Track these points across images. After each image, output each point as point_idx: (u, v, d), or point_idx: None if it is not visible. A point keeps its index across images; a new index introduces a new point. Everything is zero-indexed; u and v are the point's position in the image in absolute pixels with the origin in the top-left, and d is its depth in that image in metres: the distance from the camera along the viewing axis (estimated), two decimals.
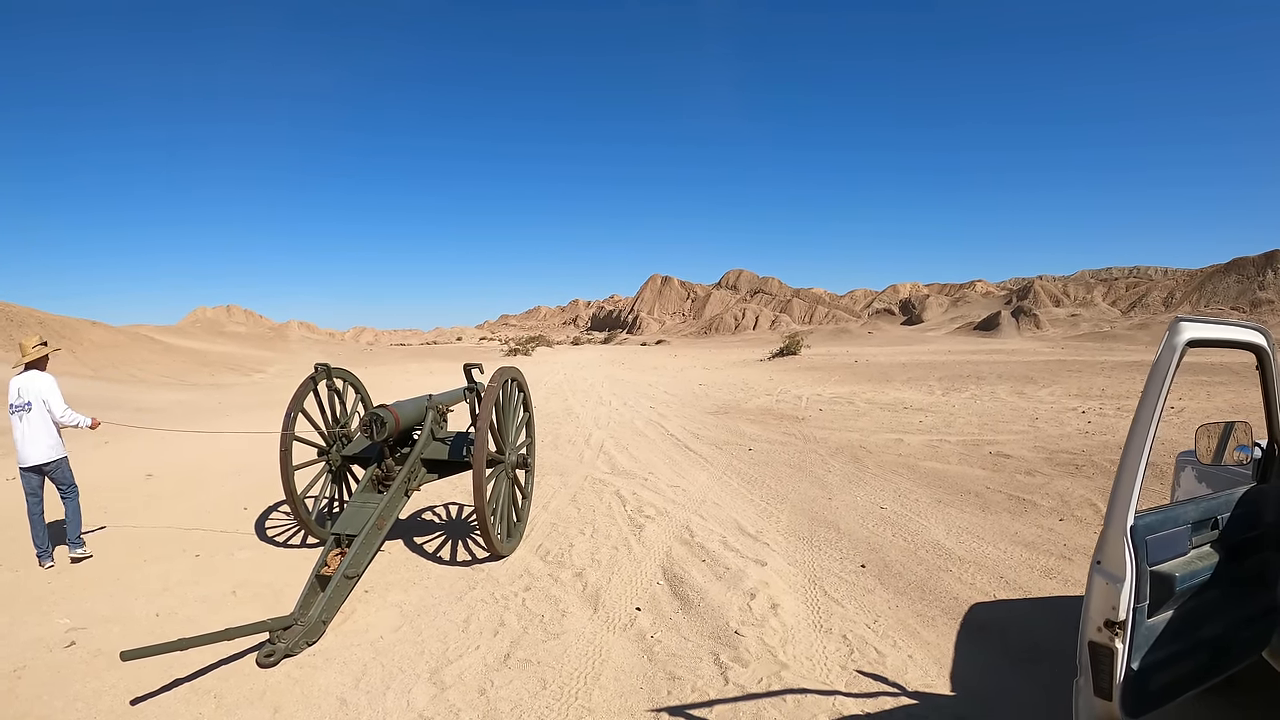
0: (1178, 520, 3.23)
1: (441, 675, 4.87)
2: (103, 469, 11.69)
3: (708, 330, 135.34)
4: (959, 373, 26.28)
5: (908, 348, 57.28)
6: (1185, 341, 2.94)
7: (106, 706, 4.52)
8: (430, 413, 7.32)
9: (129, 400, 23.45)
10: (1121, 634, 2.88)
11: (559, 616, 5.80)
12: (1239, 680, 4.11)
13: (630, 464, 11.85)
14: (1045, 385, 20.87)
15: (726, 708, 4.41)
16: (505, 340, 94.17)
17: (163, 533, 8.08)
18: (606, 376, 33.67)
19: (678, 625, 5.63)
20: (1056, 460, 10.67)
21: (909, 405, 18.32)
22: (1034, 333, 77.58)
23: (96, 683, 4.80)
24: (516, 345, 66.69)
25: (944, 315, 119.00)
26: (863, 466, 11.10)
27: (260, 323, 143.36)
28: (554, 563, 7.07)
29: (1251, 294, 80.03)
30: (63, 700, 4.59)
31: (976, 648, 5.13)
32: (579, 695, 4.60)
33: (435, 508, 9.25)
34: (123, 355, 38.59)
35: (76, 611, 5.94)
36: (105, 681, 4.80)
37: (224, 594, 6.38)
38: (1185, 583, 3.12)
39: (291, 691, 4.68)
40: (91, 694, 4.66)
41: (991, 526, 7.91)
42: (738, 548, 7.35)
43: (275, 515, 8.81)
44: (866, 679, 4.73)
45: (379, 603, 6.13)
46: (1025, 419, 14.91)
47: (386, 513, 6.34)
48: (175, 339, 58.16)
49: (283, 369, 44.83)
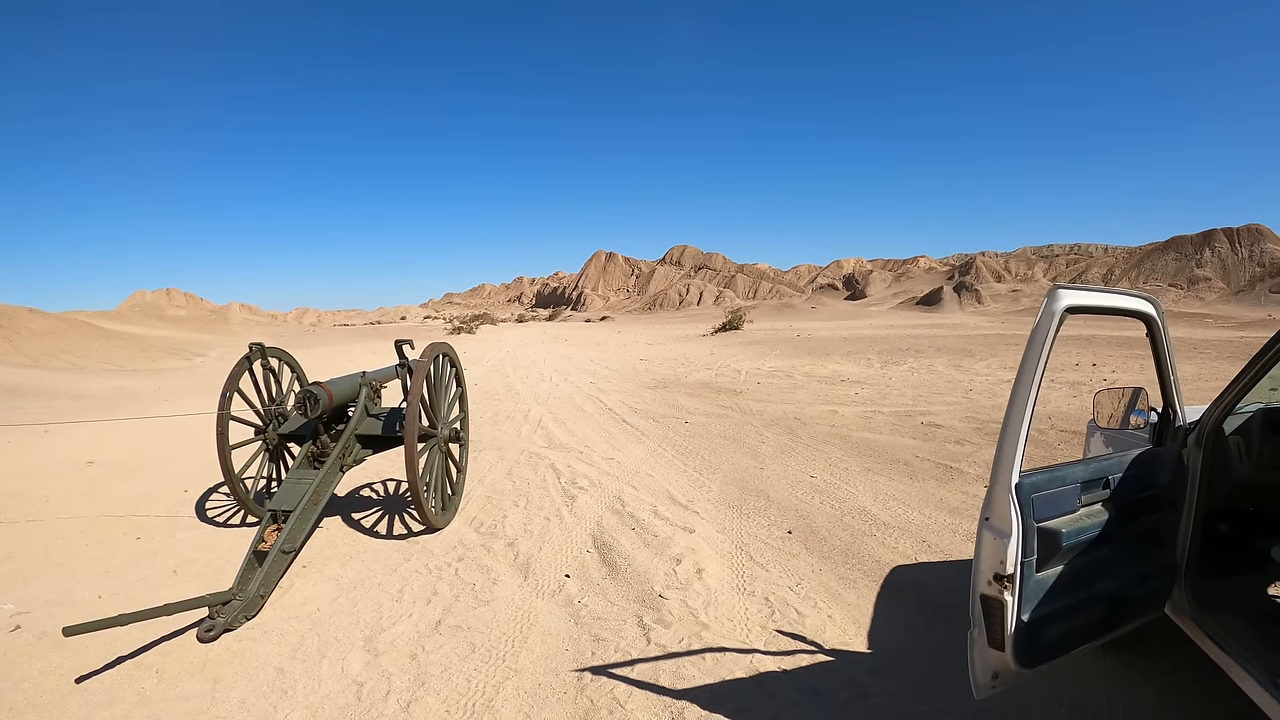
0: (1065, 479, 3.34)
1: (375, 643, 5.08)
2: (43, 457, 11.61)
3: (652, 306, 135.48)
4: (899, 346, 26.84)
5: (850, 322, 57.98)
6: (1064, 308, 3.07)
7: (52, 686, 4.65)
8: (364, 389, 7.46)
9: (68, 388, 23.02)
10: (1010, 587, 3.02)
11: (490, 585, 6.02)
12: (1148, 637, 4.36)
13: (567, 438, 12.06)
14: (982, 359, 21.45)
15: (648, 666, 4.67)
16: (449, 319, 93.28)
17: (104, 519, 8.11)
18: (549, 353, 33.74)
19: (604, 590, 5.89)
20: (986, 430, 11.08)
21: (846, 378, 18.74)
22: (975, 308, 79.03)
23: (42, 663, 4.91)
24: (460, 323, 66.07)
25: (887, 290, 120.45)
26: (796, 437, 11.43)
27: (201, 306, 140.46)
28: (487, 534, 7.28)
29: (1189, 271, 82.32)
30: (9, 681, 4.70)
31: (895, 608, 5.39)
32: (506, 657, 4.84)
33: (373, 484, 9.38)
34: (61, 343, 37.68)
35: (20, 597, 6.01)
36: (50, 662, 4.92)
37: (165, 574, 6.49)
38: (1073, 539, 3.25)
39: (231, 663, 4.85)
40: (37, 674, 4.78)
41: (918, 493, 8.23)
42: (667, 516, 7.62)
43: (215, 496, 8.89)
44: (785, 638, 4.99)
45: (316, 577, 6.30)
46: (959, 391, 15.39)
47: (322, 488, 6.49)
48: (114, 324, 56.87)
49: (224, 352, 44.03)
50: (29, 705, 4.46)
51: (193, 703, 4.42)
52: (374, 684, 4.56)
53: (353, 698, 4.42)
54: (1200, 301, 67.13)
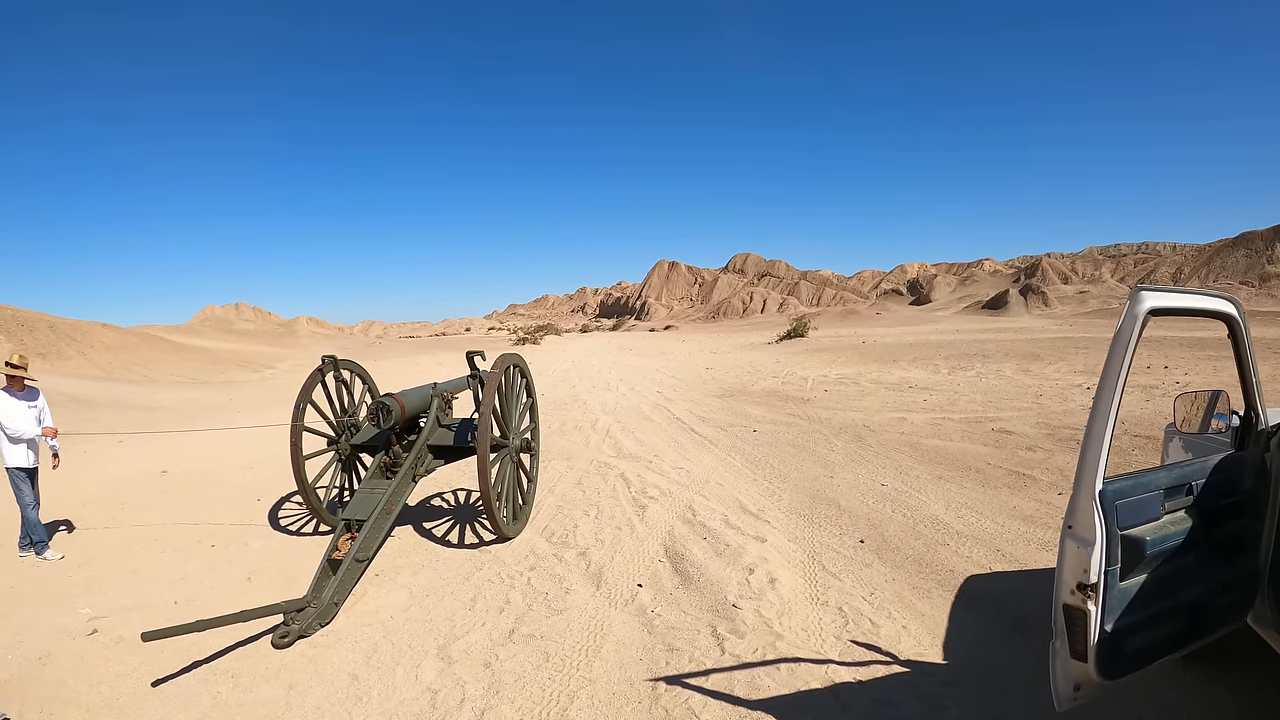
0: (1149, 486, 3.23)
1: (449, 651, 5.04)
2: (118, 467, 11.90)
3: (715, 315, 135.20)
4: (965, 351, 26.30)
5: (915, 328, 57.18)
6: (1147, 310, 2.96)
7: (128, 688, 4.70)
8: (435, 400, 7.48)
9: (141, 400, 23.67)
10: (1094, 596, 2.91)
11: (563, 594, 5.96)
12: (1229, 649, 4.14)
13: (636, 447, 12.00)
14: (1051, 363, 20.88)
15: (722, 676, 4.55)
16: (514, 330, 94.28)
17: (179, 526, 8.26)
18: (614, 363, 33.85)
19: (677, 600, 5.78)
20: (1059, 436, 10.75)
21: (914, 384, 18.41)
22: (1042, 310, 77.41)
23: (119, 666, 4.98)
24: (525, 334, 66.79)
25: (952, 295, 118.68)
26: (865, 445, 11.21)
27: (269, 319, 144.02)
28: (559, 543, 7.23)
29: (1260, 268, 79.46)
30: (86, 683, 4.77)
31: (970, 618, 5.23)
32: (580, 666, 4.76)
33: (444, 494, 9.43)
34: (133, 356, 38.82)
35: (97, 602, 6.12)
36: (127, 665, 4.98)
37: (239, 581, 6.56)
38: (1157, 546, 3.14)
39: (305, 669, 4.86)
40: (114, 677, 4.84)
41: (990, 501, 8.00)
42: (739, 525, 7.49)
43: (288, 505, 9.00)
44: (860, 648, 4.85)
45: (389, 585, 6.30)
46: (1030, 396, 14.99)
47: (394, 498, 6.51)
48: (185, 338, 58.49)
49: (293, 365, 45.02)
50: (105, 707, 4.50)
51: (268, 708, 4.41)
52: (448, 692, 4.50)
53: (427, 705, 4.37)
54: (1273, 299, 64.60)
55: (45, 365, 29.59)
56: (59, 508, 8.94)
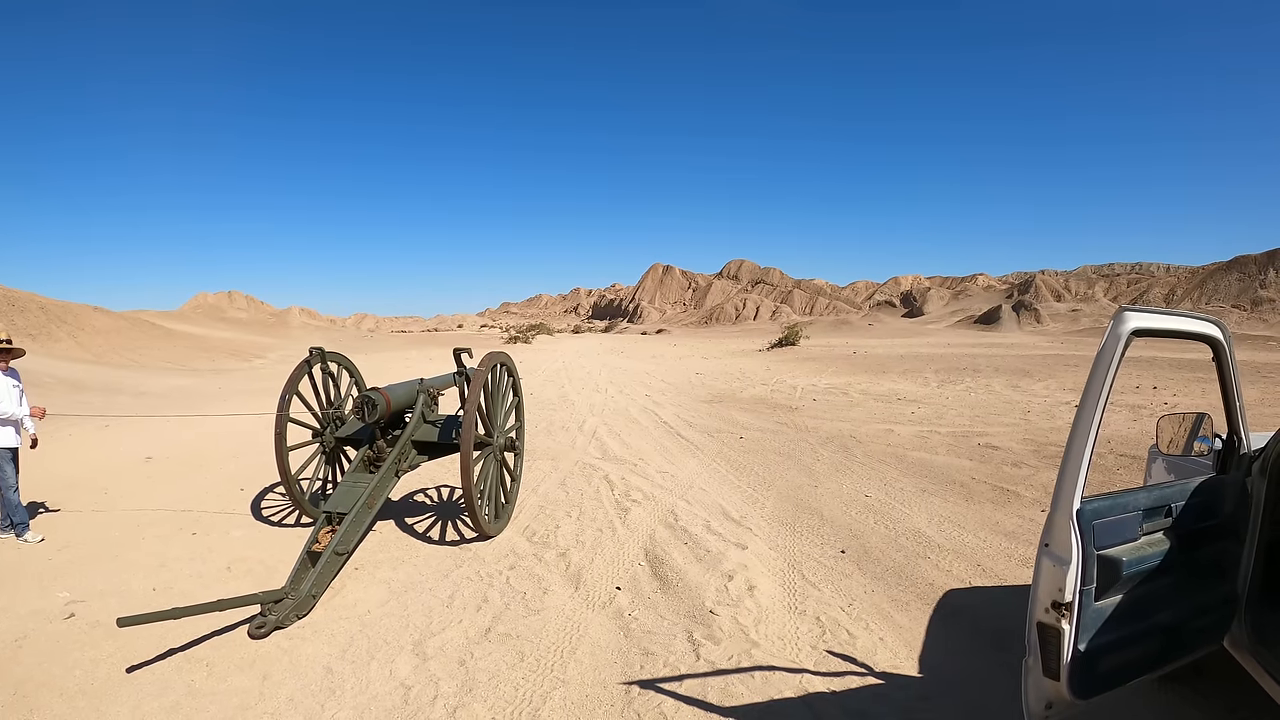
0: (1127, 506, 3.23)
1: (424, 647, 5.05)
2: (104, 451, 11.87)
3: (708, 320, 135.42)
4: (956, 365, 26.40)
5: (907, 340, 57.37)
6: (1130, 330, 2.97)
7: (103, 674, 4.70)
8: (421, 396, 7.49)
9: (130, 385, 23.61)
10: (1068, 615, 2.91)
11: (540, 594, 5.97)
12: (1206, 670, 4.18)
13: (622, 450, 12.01)
14: (1041, 379, 20.98)
15: (696, 682, 4.57)
16: (506, 328, 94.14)
17: (161, 513, 8.25)
18: (604, 365, 33.87)
19: (655, 604, 5.80)
20: (1044, 453, 10.79)
21: (903, 397, 18.47)
22: (1034, 327, 77.77)
23: (94, 651, 4.97)
24: (517, 333, 66.66)
25: (945, 308, 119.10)
26: (851, 456, 11.24)
27: (261, 309, 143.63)
28: (539, 543, 7.24)
29: (1253, 292, 79.91)
30: (61, 667, 4.77)
31: (947, 632, 5.25)
32: (554, 667, 4.77)
33: (427, 489, 9.43)
34: (124, 340, 38.76)
35: (76, 586, 6.11)
36: (103, 651, 4.98)
37: (219, 570, 6.55)
38: (1133, 567, 3.13)
39: (280, 660, 4.86)
40: (89, 662, 4.84)
41: (973, 516, 8.03)
42: (720, 531, 7.51)
43: (271, 496, 8.99)
44: (836, 659, 4.87)
45: (368, 579, 6.31)
46: (1017, 412, 15.05)
47: (377, 492, 6.52)
48: (176, 324, 58.39)
49: (283, 355, 44.97)
50: (79, 691, 4.50)
51: (241, 698, 4.42)
52: (421, 688, 4.52)
53: (400, 700, 4.39)
54: (1264, 323, 64.95)
55: (35, 346, 29.53)
56: (41, 490, 8.93)
